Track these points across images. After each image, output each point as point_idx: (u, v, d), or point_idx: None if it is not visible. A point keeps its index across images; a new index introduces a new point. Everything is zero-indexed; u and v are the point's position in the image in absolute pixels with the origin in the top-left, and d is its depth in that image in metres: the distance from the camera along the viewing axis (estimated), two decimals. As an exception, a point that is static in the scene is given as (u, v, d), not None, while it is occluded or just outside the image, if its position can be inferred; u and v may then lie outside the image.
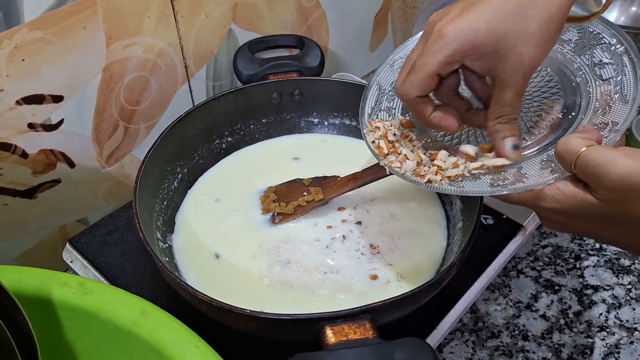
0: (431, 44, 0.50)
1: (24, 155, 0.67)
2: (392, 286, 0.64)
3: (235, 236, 0.70)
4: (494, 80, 0.50)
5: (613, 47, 0.55)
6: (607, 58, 0.55)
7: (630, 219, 0.43)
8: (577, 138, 0.45)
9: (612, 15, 1.11)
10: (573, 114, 0.54)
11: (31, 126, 0.66)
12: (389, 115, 0.62)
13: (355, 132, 0.83)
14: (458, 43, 0.49)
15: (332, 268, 0.66)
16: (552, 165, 0.49)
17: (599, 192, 0.43)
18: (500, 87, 0.50)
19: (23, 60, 0.61)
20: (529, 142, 0.55)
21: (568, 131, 0.53)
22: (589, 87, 0.55)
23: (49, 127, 0.68)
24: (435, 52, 0.49)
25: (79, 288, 0.51)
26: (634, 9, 1.11)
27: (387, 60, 0.65)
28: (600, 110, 0.52)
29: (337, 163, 0.78)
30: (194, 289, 0.54)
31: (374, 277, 0.65)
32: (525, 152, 0.54)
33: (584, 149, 0.44)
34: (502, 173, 0.52)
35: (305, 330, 0.52)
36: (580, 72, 0.56)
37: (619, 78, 0.53)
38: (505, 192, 0.50)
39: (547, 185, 0.47)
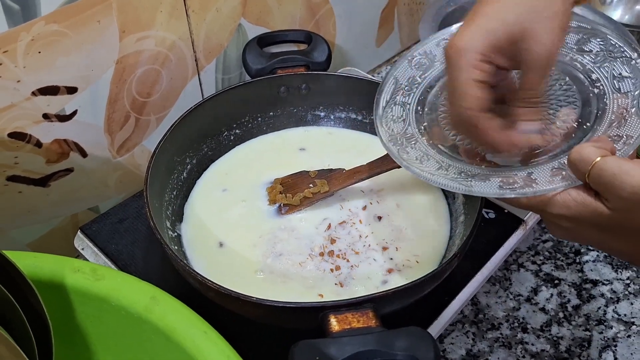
0: (455, 61, 0.50)
1: (39, 144, 0.68)
2: (395, 276, 0.65)
3: (240, 226, 0.71)
4: (521, 68, 0.51)
5: (634, 62, 0.55)
6: (626, 72, 0.55)
7: (638, 231, 0.44)
8: (591, 147, 0.45)
9: (617, 13, 1.12)
10: (588, 124, 0.54)
11: (46, 116, 0.67)
12: (403, 110, 0.62)
13: (361, 126, 0.84)
14: (478, 44, 0.49)
15: (334, 259, 0.67)
16: (563, 172, 0.49)
17: (611, 201, 0.44)
18: (525, 72, 0.50)
19: (39, 52, 0.63)
20: (541, 149, 0.55)
21: (582, 141, 0.53)
22: (607, 99, 0.54)
23: (63, 118, 0.69)
24: (460, 64, 0.49)
25: (92, 274, 0.52)
26: (638, 7, 1.12)
27: (405, 55, 0.65)
28: (615, 123, 0.52)
29: (343, 155, 0.79)
30: (203, 277, 0.55)
31: (382, 268, 0.67)
32: (537, 159, 0.54)
33: (598, 158, 0.44)
34: (512, 176, 0.52)
35: (310, 318, 0.53)
36: (599, 84, 0.56)
37: (637, 92, 0.53)
38: (513, 196, 0.50)
39: (559, 192, 0.47)
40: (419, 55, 0.65)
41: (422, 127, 0.61)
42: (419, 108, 0.62)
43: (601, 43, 0.58)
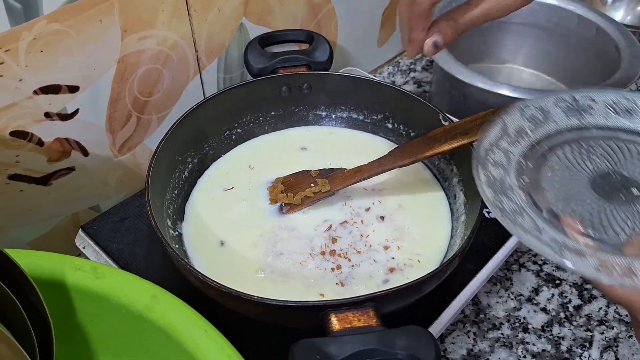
0: None
1: (40, 143, 0.68)
2: (397, 275, 0.66)
3: (241, 225, 0.72)
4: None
5: None
6: None
7: None
8: None
9: (619, 14, 1.12)
10: None
11: (47, 115, 0.67)
12: (506, 158, 0.59)
13: (362, 126, 0.84)
14: None
15: (335, 258, 0.67)
16: None
17: None
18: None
19: (41, 51, 0.63)
20: None
21: None
22: None
23: (65, 117, 0.69)
24: None
25: (93, 272, 0.52)
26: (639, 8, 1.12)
27: (518, 104, 0.62)
28: None
29: (344, 155, 0.80)
30: (204, 275, 0.55)
31: (383, 268, 0.67)
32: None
33: None
34: (611, 262, 0.48)
35: (311, 317, 0.53)
36: None
37: None
38: (611, 283, 0.47)
39: None
40: (534, 109, 0.62)
41: (522, 181, 0.57)
42: (522, 160, 0.59)
43: None
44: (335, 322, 0.51)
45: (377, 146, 0.82)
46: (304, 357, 0.48)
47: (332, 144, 0.82)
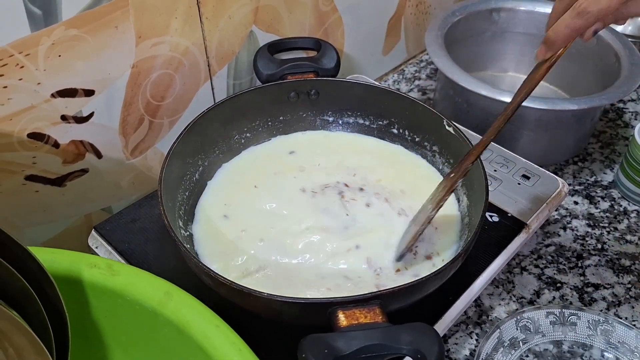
0: None
1: (56, 145, 0.70)
2: (407, 274, 0.67)
3: (249, 226, 0.72)
4: None
5: None
6: None
7: None
8: None
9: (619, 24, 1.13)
10: None
11: (64, 118, 0.69)
12: None
13: (368, 131, 0.86)
14: None
15: (343, 255, 0.69)
16: None
17: None
18: None
19: (59, 56, 0.65)
20: None
21: None
22: None
23: (80, 119, 0.71)
24: None
25: (107, 269, 0.53)
26: (640, 18, 1.13)
27: (516, 313, 0.70)
28: None
29: (348, 154, 0.82)
30: (216, 273, 0.57)
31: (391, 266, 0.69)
32: None
33: None
34: None
35: (319, 314, 0.54)
36: None
37: None
38: None
39: None
40: (526, 319, 0.70)
41: None
42: None
43: None
44: (342, 319, 0.53)
45: (382, 148, 0.84)
46: (313, 351, 0.49)
47: (339, 146, 0.84)
